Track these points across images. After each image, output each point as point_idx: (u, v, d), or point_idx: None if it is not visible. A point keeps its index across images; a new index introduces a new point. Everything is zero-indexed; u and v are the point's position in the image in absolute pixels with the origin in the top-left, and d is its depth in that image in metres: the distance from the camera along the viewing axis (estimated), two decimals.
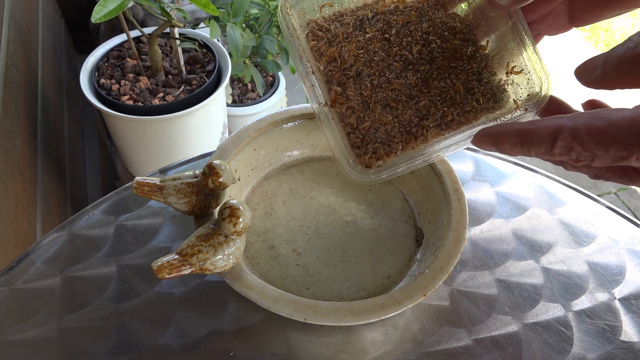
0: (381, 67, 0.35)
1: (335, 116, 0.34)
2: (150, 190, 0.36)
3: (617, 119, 0.25)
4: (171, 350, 0.37)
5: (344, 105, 0.34)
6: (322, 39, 0.35)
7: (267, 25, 1.00)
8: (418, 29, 0.36)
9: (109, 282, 0.41)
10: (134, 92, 0.92)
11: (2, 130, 0.69)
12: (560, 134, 0.27)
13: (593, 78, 0.28)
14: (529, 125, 0.29)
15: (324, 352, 0.37)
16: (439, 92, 0.35)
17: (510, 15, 0.34)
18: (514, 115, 0.35)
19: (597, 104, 0.31)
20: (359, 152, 0.35)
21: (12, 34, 0.82)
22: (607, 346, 0.38)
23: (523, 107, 0.35)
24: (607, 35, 1.87)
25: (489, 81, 0.36)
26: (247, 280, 0.34)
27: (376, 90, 0.35)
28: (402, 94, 0.35)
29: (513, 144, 0.30)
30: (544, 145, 0.28)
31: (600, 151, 0.26)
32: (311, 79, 0.34)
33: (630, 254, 0.45)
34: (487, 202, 0.48)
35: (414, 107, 0.35)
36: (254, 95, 1.27)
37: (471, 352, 0.37)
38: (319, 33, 0.35)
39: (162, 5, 0.78)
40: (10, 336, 0.37)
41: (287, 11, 0.34)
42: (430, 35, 0.36)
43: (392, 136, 0.35)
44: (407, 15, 0.36)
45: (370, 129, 0.34)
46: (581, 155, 0.27)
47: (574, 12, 0.33)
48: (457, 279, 0.42)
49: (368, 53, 0.35)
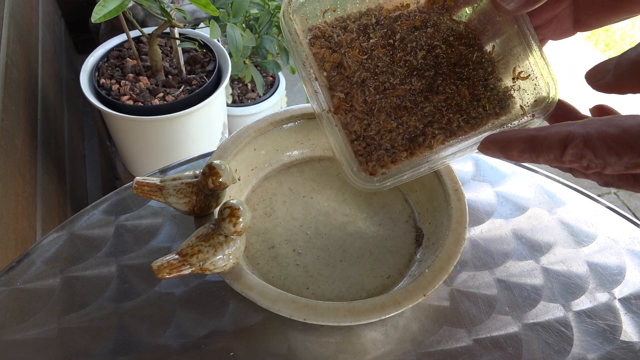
0: (385, 73, 0.34)
1: (338, 123, 0.34)
2: (150, 190, 0.36)
3: (632, 126, 0.25)
4: (171, 350, 0.37)
5: (348, 112, 0.34)
6: (325, 45, 0.34)
7: (267, 25, 1.01)
8: (422, 34, 0.35)
9: (109, 282, 0.41)
10: (134, 92, 0.92)
11: (2, 130, 0.69)
12: (571, 141, 0.26)
13: (605, 82, 0.27)
14: (537, 132, 0.28)
15: (324, 352, 0.37)
16: (444, 99, 0.34)
17: (517, 19, 0.33)
18: (521, 121, 0.35)
19: (605, 110, 0.31)
20: (362, 159, 0.34)
21: (12, 34, 0.82)
22: (607, 346, 0.38)
23: (530, 113, 0.35)
24: (607, 35, 1.87)
25: (495, 87, 0.35)
26: (247, 280, 0.34)
27: (380, 97, 0.34)
28: (406, 100, 0.34)
29: (521, 151, 0.29)
30: (553, 152, 0.27)
31: (613, 159, 0.25)
32: (314, 85, 0.33)
33: (630, 254, 0.45)
34: (487, 202, 0.48)
35: (419, 113, 0.34)
36: (254, 95, 1.27)
37: (471, 352, 0.37)
38: (321, 39, 0.34)
39: (162, 5, 0.78)
40: (10, 336, 0.37)
41: (289, 16, 0.33)
42: (435, 41, 0.35)
43: (397, 143, 0.34)
44: (411, 20, 0.35)
45: (375, 136, 0.34)
46: (592, 162, 0.26)
47: (579, 16, 0.32)
48: (457, 279, 0.42)
49: (372, 59, 0.34)
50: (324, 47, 0.34)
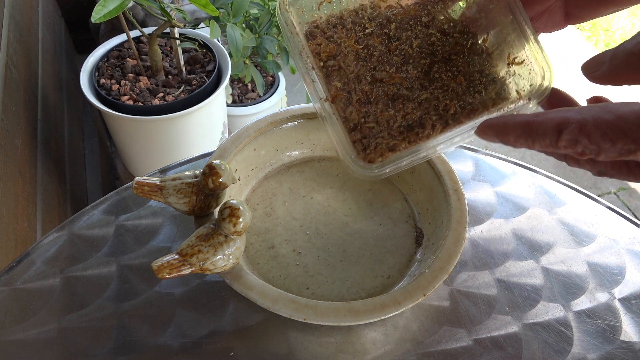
0: (381, 61, 0.35)
1: (336, 112, 0.34)
2: (150, 190, 0.36)
3: (626, 113, 0.25)
4: (171, 350, 0.37)
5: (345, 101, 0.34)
6: (321, 36, 0.35)
7: (267, 25, 1.00)
8: (417, 23, 0.35)
9: (109, 282, 0.41)
10: (134, 92, 0.92)
11: (2, 130, 0.69)
12: (567, 127, 0.26)
13: (600, 74, 0.27)
14: (534, 117, 0.29)
15: (324, 352, 0.37)
16: (440, 85, 0.35)
17: (511, 7, 0.34)
18: (517, 105, 0.35)
19: (602, 101, 0.31)
20: (361, 147, 0.34)
21: (12, 34, 0.83)
22: (607, 346, 0.38)
23: (526, 97, 0.35)
24: (607, 35, 1.87)
25: (490, 73, 0.36)
26: (247, 280, 0.34)
27: (377, 85, 0.34)
28: (403, 87, 0.35)
29: (517, 136, 0.29)
30: (549, 137, 0.27)
31: (607, 144, 0.25)
32: (311, 75, 0.34)
33: (630, 254, 0.45)
34: (487, 202, 0.48)
35: (415, 100, 0.35)
36: (254, 95, 1.27)
37: (471, 352, 0.37)
38: (318, 30, 0.35)
39: (162, 5, 0.78)
40: (10, 336, 0.37)
41: (285, 8, 0.34)
42: (430, 29, 0.35)
43: (395, 130, 0.35)
44: (405, 9, 0.36)
45: (373, 125, 0.34)
46: (587, 148, 0.26)
47: (569, 9, 0.33)
48: (457, 279, 0.42)
49: (368, 48, 0.35)
50: (320, 37, 0.35)
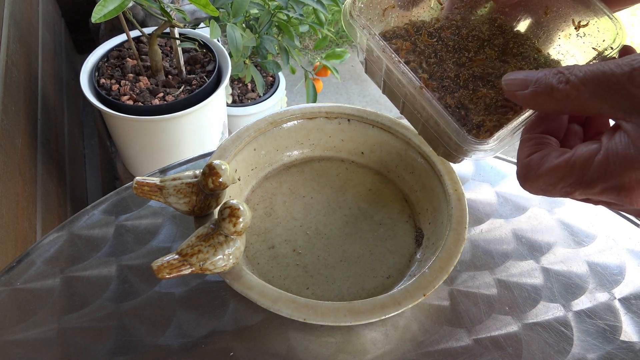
0: (458, 49, 0.36)
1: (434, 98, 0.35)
2: (150, 190, 0.36)
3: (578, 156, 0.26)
4: (171, 350, 0.37)
5: (436, 89, 0.35)
6: (394, 37, 0.37)
7: (267, 25, 1.01)
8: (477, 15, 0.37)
9: (109, 282, 0.41)
10: (134, 92, 0.92)
11: (2, 130, 0.69)
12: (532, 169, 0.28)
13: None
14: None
15: (324, 352, 0.37)
16: (521, 58, 0.36)
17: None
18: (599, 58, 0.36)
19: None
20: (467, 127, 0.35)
21: (12, 34, 0.83)
22: (607, 346, 0.38)
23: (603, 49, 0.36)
24: None
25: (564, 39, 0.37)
26: (247, 280, 0.34)
27: (462, 70, 0.36)
28: (487, 67, 0.36)
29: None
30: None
31: (550, 187, 0.27)
32: (401, 68, 0.35)
33: (630, 254, 0.45)
34: (487, 202, 0.48)
35: (502, 76, 0.36)
36: (254, 95, 1.27)
37: (471, 352, 0.37)
38: (388, 33, 0.37)
39: (162, 5, 0.78)
40: (10, 336, 0.37)
41: (356, 13, 0.36)
42: (494, 14, 0.37)
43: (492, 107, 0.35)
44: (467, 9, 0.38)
45: (470, 104, 0.35)
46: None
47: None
48: (457, 279, 0.42)
49: (441, 40, 0.36)
50: (395, 39, 0.36)
